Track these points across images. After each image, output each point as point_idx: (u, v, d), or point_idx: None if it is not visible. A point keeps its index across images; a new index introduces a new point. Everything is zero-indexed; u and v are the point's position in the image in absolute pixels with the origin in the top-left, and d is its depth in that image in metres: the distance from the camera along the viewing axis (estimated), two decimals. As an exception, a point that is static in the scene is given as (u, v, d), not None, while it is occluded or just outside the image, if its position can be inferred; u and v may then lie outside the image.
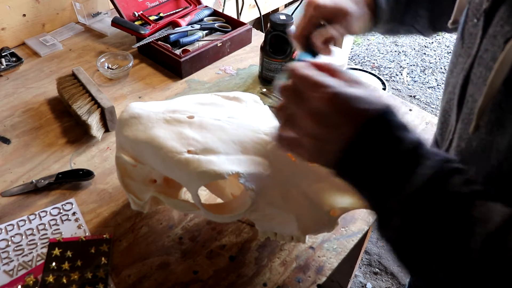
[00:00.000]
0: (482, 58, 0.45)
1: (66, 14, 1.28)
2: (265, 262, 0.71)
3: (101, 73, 1.09)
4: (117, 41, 1.23)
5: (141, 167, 0.66)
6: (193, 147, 0.61)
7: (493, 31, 0.44)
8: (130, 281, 0.68)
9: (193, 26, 1.19)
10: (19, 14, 1.17)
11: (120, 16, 1.17)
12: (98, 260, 0.68)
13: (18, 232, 0.73)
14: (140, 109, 0.67)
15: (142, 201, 0.68)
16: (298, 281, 0.69)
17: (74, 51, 1.19)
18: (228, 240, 0.74)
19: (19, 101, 1.02)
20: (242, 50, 1.21)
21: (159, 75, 1.11)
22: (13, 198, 0.79)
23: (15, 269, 0.68)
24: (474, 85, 0.46)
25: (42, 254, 0.70)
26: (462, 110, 0.49)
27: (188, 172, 0.59)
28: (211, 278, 0.69)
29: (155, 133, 0.63)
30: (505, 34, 0.42)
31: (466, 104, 0.48)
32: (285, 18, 1.01)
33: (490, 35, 0.45)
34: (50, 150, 0.89)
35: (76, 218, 0.76)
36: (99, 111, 0.91)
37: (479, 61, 0.46)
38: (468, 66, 0.48)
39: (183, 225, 0.76)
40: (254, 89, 1.08)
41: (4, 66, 1.09)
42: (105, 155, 0.89)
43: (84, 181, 0.82)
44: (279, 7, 2.13)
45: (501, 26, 0.43)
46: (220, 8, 1.63)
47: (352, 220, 0.78)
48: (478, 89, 0.45)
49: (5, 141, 0.91)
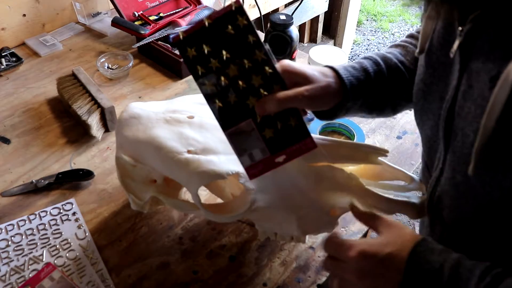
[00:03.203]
0: (468, 93, 0.46)
1: (66, 14, 1.28)
2: (265, 262, 0.71)
3: (101, 73, 1.09)
4: (117, 41, 1.23)
5: (141, 167, 0.66)
6: (193, 147, 0.61)
7: (476, 67, 0.44)
8: (130, 281, 0.68)
9: (193, 26, 1.19)
10: (19, 14, 1.17)
11: (120, 16, 1.17)
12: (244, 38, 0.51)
13: (18, 232, 0.73)
14: (140, 109, 0.67)
15: (142, 201, 0.68)
16: (298, 281, 0.69)
17: (74, 51, 1.19)
18: (228, 240, 0.74)
19: (19, 101, 1.02)
20: (242, 50, 1.21)
21: (159, 75, 1.11)
22: (13, 198, 0.79)
23: (7, 275, 0.68)
24: (463, 119, 0.46)
25: (34, 257, 0.70)
26: (451, 141, 0.49)
27: (188, 172, 0.59)
28: (211, 278, 0.69)
29: (155, 133, 0.63)
30: (489, 71, 0.42)
31: (455, 137, 0.48)
32: (285, 18, 1.01)
33: (473, 70, 0.45)
34: (50, 150, 0.89)
35: (76, 218, 0.76)
36: (99, 111, 0.91)
37: (464, 95, 0.46)
38: (451, 98, 0.48)
39: (183, 225, 0.76)
40: (254, 89, 1.08)
41: (4, 66, 1.09)
42: (105, 155, 0.89)
43: (84, 181, 0.82)
44: (279, 7, 2.13)
45: (483, 63, 0.43)
46: (220, 8, 1.63)
47: (352, 220, 0.78)
48: (469, 124, 0.45)
49: (5, 141, 0.91)
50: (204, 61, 0.51)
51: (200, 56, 0.51)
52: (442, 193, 0.53)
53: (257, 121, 0.53)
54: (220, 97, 0.52)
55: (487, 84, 0.42)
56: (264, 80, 0.52)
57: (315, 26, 2.66)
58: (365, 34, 3.24)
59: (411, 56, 0.66)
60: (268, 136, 0.53)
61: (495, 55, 0.42)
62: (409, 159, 0.91)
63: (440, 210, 0.54)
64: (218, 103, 0.52)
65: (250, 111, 0.53)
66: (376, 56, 0.64)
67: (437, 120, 0.52)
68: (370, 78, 0.62)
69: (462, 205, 0.50)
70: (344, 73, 0.60)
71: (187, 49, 0.51)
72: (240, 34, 0.51)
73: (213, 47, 0.51)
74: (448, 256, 0.46)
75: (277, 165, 0.54)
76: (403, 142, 0.95)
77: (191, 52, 0.51)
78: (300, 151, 0.54)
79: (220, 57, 0.51)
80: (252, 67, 0.52)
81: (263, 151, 0.54)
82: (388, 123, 1.00)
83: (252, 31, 0.51)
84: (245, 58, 0.51)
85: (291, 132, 0.54)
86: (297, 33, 1.04)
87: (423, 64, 0.55)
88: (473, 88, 0.45)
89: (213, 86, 0.52)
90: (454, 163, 0.49)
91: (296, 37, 1.03)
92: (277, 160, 0.54)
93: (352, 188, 0.60)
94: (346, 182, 0.60)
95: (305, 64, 0.63)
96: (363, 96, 0.61)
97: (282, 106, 0.53)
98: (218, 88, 0.52)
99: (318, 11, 2.45)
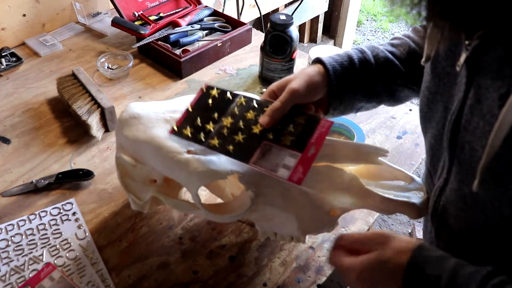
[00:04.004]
0: (476, 108, 0.45)
1: (66, 14, 1.28)
2: (265, 262, 0.71)
3: (101, 73, 1.09)
4: (117, 41, 1.23)
5: (141, 167, 0.66)
6: (193, 147, 0.61)
7: (484, 84, 0.44)
8: (130, 281, 0.68)
9: (193, 26, 1.19)
10: (19, 14, 1.17)
11: (120, 16, 1.17)
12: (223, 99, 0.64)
13: (18, 232, 0.73)
14: (140, 109, 0.67)
15: (142, 201, 0.68)
16: (298, 281, 0.69)
17: (74, 51, 1.19)
18: (228, 240, 0.74)
19: (19, 101, 1.02)
20: (242, 50, 1.21)
21: (159, 75, 1.11)
22: (13, 198, 0.79)
23: (7, 275, 0.68)
24: (471, 133, 0.46)
25: (34, 257, 0.70)
26: (456, 153, 0.49)
27: (188, 172, 0.59)
28: (211, 278, 0.69)
29: (155, 133, 0.63)
30: (497, 88, 0.42)
31: (462, 150, 0.48)
32: (285, 18, 1.01)
33: (482, 86, 0.44)
34: (50, 150, 0.89)
35: (76, 218, 0.76)
36: (99, 111, 0.91)
37: (471, 110, 0.46)
38: (457, 110, 0.48)
39: (183, 225, 0.76)
40: (254, 89, 1.08)
41: (4, 66, 1.09)
42: (105, 155, 0.89)
43: (84, 181, 0.82)
44: (279, 7, 2.13)
45: (492, 79, 0.43)
46: (220, 8, 1.63)
47: (352, 220, 0.78)
48: (478, 139, 0.45)
49: (5, 141, 0.91)
50: (201, 130, 0.61)
51: (196, 129, 0.61)
52: (447, 202, 0.53)
53: (270, 138, 0.58)
54: (229, 143, 0.59)
55: (496, 102, 0.42)
56: (256, 111, 0.61)
57: (315, 26, 2.66)
58: (365, 34, 3.24)
59: (404, 47, 0.67)
60: (289, 141, 0.57)
61: (505, 72, 0.42)
62: (409, 159, 0.91)
63: (445, 219, 0.54)
64: (230, 148, 0.58)
65: (259, 136, 0.59)
66: (362, 46, 0.67)
67: (440, 129, 0.52)
68: (354, 64, 0.64)
69: (470, 216, 0.49)
70: (327, 60, 0.64)
71: (183, 132, 0.61)
72: (219, 98, 0.63)
73: (202, 117, 0.62)
74: (445, 263, 0.46)
75: (313, 157, 0.56)
76: (403, 142, 0.95)
77: (188, 131, 0.61)
78: (323, 133, 0.57)
79: (213, 119, 0.61)
80: (241, 110, 0.61)
81: (293, 156, 0.56)
82: (388, 123, 1.00)
83: (225, 92, 0.64)
84: (232, 108, 0.62)
85: (304, 126, 0.58)
86: (297, 33, 1.04)
87: (428, 72, 0.55)
88: (482, 104, 0.44)
89: (220, 139, 0.59)
90: (461, 175, 0.49)
91: (296, 37, 1.03)
92: (310, 153, 0.56)
93: (352, 188, 0.60)
94: (346, 182, 0.61)
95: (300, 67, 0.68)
96: (350, 81, 0.64)
97: (283, 107, 0.58)
98: (223, 139, 0.59)
99: (318, 11, 2.45)
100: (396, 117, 1.01)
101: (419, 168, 1.85)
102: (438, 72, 0.53)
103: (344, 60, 0.64)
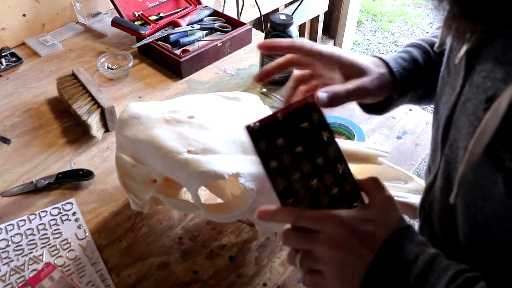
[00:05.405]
0: (465, 106, 0.43)
1: (66, 14, 1.28)
2: (265, 262, 0.71)
3: (101, 73, 1.09)
4: (117, 41, 1.23)
5: (141, 167, 0.66)
6: (193, 147, 0.61)
7: (476, 82, 0.42)
8: (130, 281, 0.68)
9: (193, 26, 1.19)
10: (19, 14, 1.17)
11: (120, 16, 1.17)
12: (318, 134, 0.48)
13: (18, 232, 0.73)
14: (140, 109, 0.67)
15: (142, 201, 0.68)
16: (298, 281, 0.69)
17: (74, 51, 1.19)
18: (228, 240, 0.74)
19: (19, 101, 1.02)
20: (242, 50, 1.21)
21: (159, 75, 1.11)
22: (13, 198, 0.79)
23: (7, 275, 0.68)
24: (458, 131, 0.45)
25: (34, 257, 0.70)
26: (445, 148, 0.48)
27: (188, 172, 0.59)
28: (211, 278, 0.69)
29: (155, 133, 0.63)
30: (486, 90, 0.40)
31: (450, 147, 0.47)
32: (285, 18, 1.01)
33: (473, 84, 0.42)
34: (50, 150, 0.89)
35: (76, 218, 0.76)
36: (99, 111, 0.91)
37: (461, 107, 0.44)
38: (452, 104, 0.46)
39: (183, 225, 0.76)
40: (254, 89, 1.08)
41: (4, 66, 1.09)
42: (105, 155, 0.89)
43: (84, 181, 0.82)
44: (279, 7, 2.13)
45: (483, 78, 0.40)
46: (220, 8, 1.63)
47: (352, 220, 0.78)
48: (462, 138, 0.43)
49: (5, 141, 0.91)
50: (276, 155, 0.47)
51: (272, 149, 0.47)
52: (433, 200, 0.52)
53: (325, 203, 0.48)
54: (291, 194, 0.48)
55: (482, 104, 0.40)
56: (335, 179, 0.48)
57: (315, 26, 2.66)
58: (365, 34, 3.24)
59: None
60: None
61: (496, 74, 0.39)
62: (409, 159, 0.91)
63: (430, 217, 0.53)
64: (289, 200, 0.48)
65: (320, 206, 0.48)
66: (423, 42, 0.61)
67: (439, 123, 0.51)
68: (421, 69, 0.59)
69: (450, 216, 0.48)
70: (394, 66, 0.57)
71: (261, 140, 0.47)
72: (314, 130, 0.47)
73: (286, 141, 0.47)
74: (426, 249, 0.44)
75: None
76: (403, 142, 0.95)
77: (263, 144, 0.47)
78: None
79: (294, 153, 0.47)
80: (324, 165, 0.48)
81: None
82: (388, 123, 1.00)
83: (326, 127, 0.48)
84: (318, 155, 0.48)
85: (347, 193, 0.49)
86: (297, 33, 1.04)
87: (444, 61, 0.52)
88: (470, 103, 0.42)
89: (285, 182, 0.47)
90: (447, 173, 0.48)
91: (296, 37, 1.03)
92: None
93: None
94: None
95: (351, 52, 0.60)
96: (413, 87, 0.59)
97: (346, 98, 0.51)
98: (289, 184, 0.47)
99: (318, 11, 2.45)
100: (396, 117, 1.01)
101: (419, 168, 1.85)
102: (450, 62, 0.50)
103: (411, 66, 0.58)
